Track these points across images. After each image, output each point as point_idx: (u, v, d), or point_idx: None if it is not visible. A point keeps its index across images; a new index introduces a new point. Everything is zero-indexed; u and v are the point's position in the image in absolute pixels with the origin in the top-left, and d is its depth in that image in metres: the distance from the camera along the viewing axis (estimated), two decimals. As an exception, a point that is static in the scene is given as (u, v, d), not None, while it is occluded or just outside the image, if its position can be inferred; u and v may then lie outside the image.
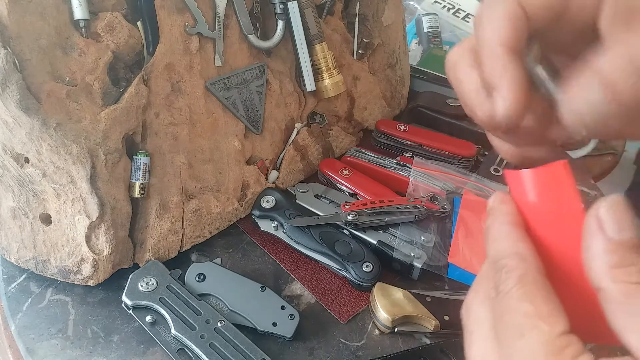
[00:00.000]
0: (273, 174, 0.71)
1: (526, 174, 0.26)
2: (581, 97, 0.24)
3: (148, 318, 0.53)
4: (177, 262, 0.61)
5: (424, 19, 1.14)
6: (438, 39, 1.12)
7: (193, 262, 0.61)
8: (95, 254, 0.56)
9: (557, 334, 0.22)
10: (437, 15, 1.16)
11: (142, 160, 0.57)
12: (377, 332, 0.56)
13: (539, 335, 0.22)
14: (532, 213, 0.27)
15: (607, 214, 0.23)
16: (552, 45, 0.28)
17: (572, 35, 0.28)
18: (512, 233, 0.26)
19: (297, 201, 0.67)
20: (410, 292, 0.57)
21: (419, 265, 0.60)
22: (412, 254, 0.61)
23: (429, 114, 0.84)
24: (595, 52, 0.25)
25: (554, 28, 0.27)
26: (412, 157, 0.76)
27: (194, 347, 0.50)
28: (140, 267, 0.58)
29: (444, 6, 1.22)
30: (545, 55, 0.27)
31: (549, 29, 0.27)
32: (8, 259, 0.60)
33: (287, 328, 0.54)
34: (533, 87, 0.27)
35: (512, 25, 0.26)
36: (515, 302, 0.24)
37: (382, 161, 0.74)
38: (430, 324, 0.55)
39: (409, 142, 0.79)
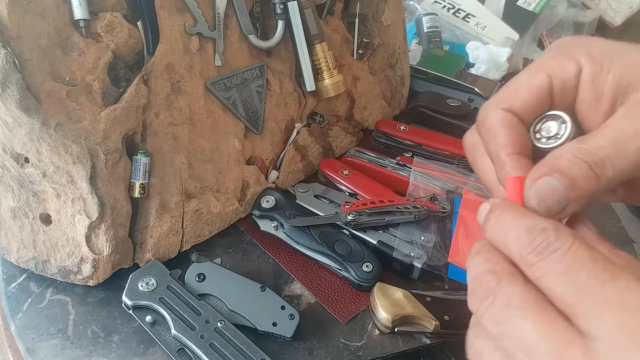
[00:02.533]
0: (273, 174, 0.71)
1: (512, 180, 0.28)
2: (542, 181, 0.26)
3: (148, 318, 0.53)
4: (177, 262, 0.61)
5: (424, 19, 1.14)
6: (438, 39, 1.13)
7: (193, 262, 0.61)
8: (95, 254, 0.56)
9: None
10: (437, 15, 1.16)
11: (142, 160, 0.57)
12: (377, 332, 0.56)
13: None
14: None
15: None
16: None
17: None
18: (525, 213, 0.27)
19: (297, 201, 0.67)
20: (410, 292, 0.57)
21: (419, 265, 0.60)
22: (412, 254, 0.61)
23: (429, 114, 0.84)
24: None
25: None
26: (412, 157, 0.76)
27: (194, 347, 0.50)
28: (140, 267, 0.58)
29: (444, 6, 1.22)
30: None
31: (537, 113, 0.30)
32: (8, 259, 0.60)
33: (287, 328, 0.54)
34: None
35: (508, 131, 0.29)
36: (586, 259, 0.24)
37: (382, 161, 0.74)
38: (430, 324, 0.55)
39: (409, 142, 0.79)
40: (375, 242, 0.62)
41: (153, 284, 0.55)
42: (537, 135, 0.29)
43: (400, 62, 0.85)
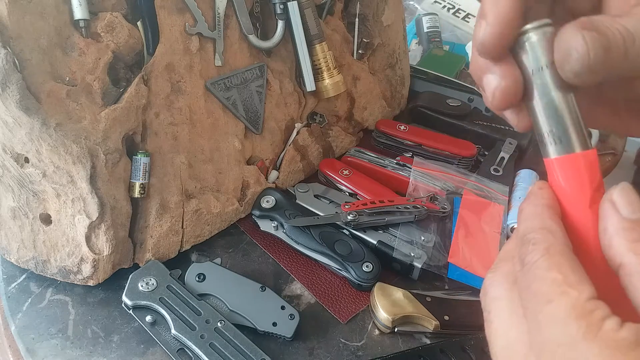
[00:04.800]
0: (273, 174, 0.71)
1: (554, 162, 0.27)
2: (575, 36, 0.25)
3: (148, 318, 0.53)
4: (177, 262, 0.61)
5: (424, 19, 1.14)
6: (438, 39, 1.12)
7: (193, 262, 0.61)
8: (95, 254, 0.56)
9: (586, 299, 0.23)
10: (437, 15, 1.16)
11: (142, 160, 0.57)
12: (377, 332, 0.56)
13: (568, 299, 0.23)
14: (564, 199, 0.28)
15: (620, 197, 0.25)
16: None
17: None
18: (543, 212, 0.27)
19: (297, 201, 0.67)
20: (410, 292, 0.57)
21: (419, 265, 0.60)
22: (412, 254, 0.61)
23: (429, 114, 0.84)
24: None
25: None
26: (412, 157, 0.76)
27: (194, 347, 0.50)
28: (140, 267, 0.58)
29: (444, 6, 1.22)
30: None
31: None
32: (8, 259, 0.60)
33: (287, 328, 0.54)
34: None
35: None
36: (543, 271, 0.24)
37: (382, 161, 0.74)
38: (430, 324, 0.55)
39: (409, 142, 0.79)
40: (375, 242, 0.62)
41: (153, 284, 0.55)
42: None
43: (400, 62, 0.85)
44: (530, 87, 0.27)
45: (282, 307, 0.55)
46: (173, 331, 0.51)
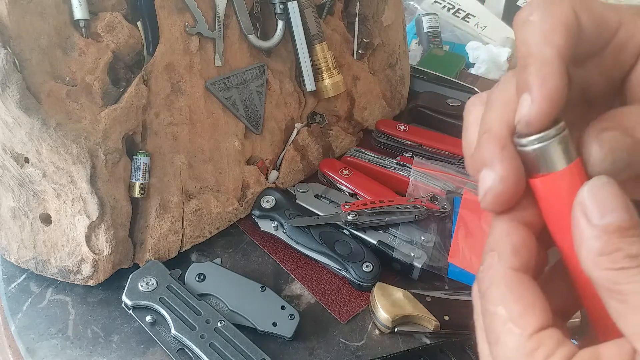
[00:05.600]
0: (273, 174, 0.71)
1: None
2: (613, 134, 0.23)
3: (148, 318, 0.53)
4: (177, 262, 0.61)
5: (424, 19, 1.14)
6: (438, 39, 1.13)
7: (193, 262, 0.61)
8: (95, 254, 0.56)
9: (528, 336, 0.22)
10: (437, 15, 1.16)
11: (142, 160, 0.57)
12: (377, 332, 0.56)
13: (512, 339, 0.22)
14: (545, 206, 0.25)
15: (589, 198, 0.22)
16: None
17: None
18: (504, 226, 0.25)
19: (297, 201, 0.67)
20: (410, 292, 0.57)
21: (419, 265, 0.60)
22: (412, 254, 0.60)
23: (429, 114, 0.84)
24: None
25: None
26: (412, 157, 0.76)
27: (194, 347, 0.50)
28: (140, 267, 0.58)
29: (444, 6, 1.22)
30: None
31: None
32: (8, 259, 0.60)
33: (287, 328, 0.54)
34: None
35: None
36: (491, 306, 0.23)
37: (382, 161, 0.74)
38: (430, 324, 0.55)
39: (409, 142, 0.79)
40: (375, 242, 0.62)
41: (153, 284, 0.55)
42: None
43: (400, 62, 0.85)
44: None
45: (282, 307, 0.55)
46: (173, 331, 0.51)
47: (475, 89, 0.89)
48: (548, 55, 0.23)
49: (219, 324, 0.52)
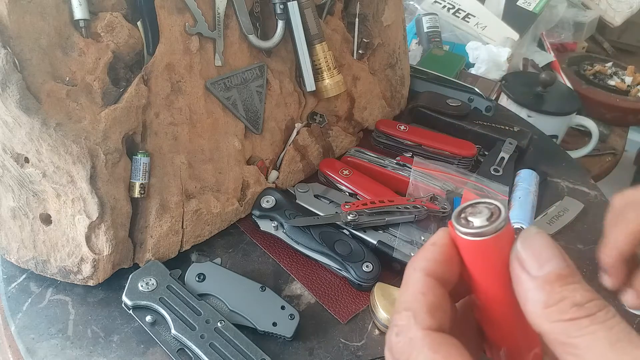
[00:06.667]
0: (273, 174, 0.71)
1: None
2: None
3: (148, 318, 0.53)
4: (177, 262, 0.61)
5: (424, 19, 1.14)
6: (438, 39, 1.13)
7: (193, 262, 0.61)
8: (95, 254, 0.56)
9: None
10: (437, 15, 1.16)
11: (142, 160, 0.57)
12: (377, 332, 0.56)
13: None
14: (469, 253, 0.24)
15: (524, 250, 0.22)
16: None
17: None
18: (416, 284, 0.23)
19: (297, 201, 0.67)
20: (410, 292, 0.57)
21: (419, 265, 0.60)
22: (412, 254, 0.60)
23: (429, 114, 0.84)
24: None
25: None
26: (412, 157, 0.76)
27: (194, 347, 0.50)
28: (140, 267, 0.58)
29: (444, 6, 1.22)
30: None
31: None
32: (8, 259, 0.60)
33: (287, 328, 0.54)
34: None
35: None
36: None
37: (382, 161, 0.74)
38: (430, 324, 0.55)
39: (409, 142, 0.79)
40: (375, 242, 0.62)
41: (153, 284, 0.55)
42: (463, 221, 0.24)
43: (400, 62, 0.85)
44: None
45: (282, 307, 0.55)
46: (173, 331, 0.51)
47: (476, 89, 0.89)
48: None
49: (219, 324, 0.52)
